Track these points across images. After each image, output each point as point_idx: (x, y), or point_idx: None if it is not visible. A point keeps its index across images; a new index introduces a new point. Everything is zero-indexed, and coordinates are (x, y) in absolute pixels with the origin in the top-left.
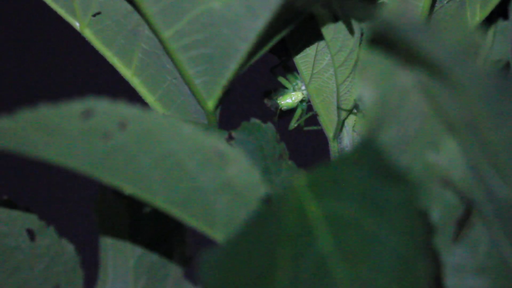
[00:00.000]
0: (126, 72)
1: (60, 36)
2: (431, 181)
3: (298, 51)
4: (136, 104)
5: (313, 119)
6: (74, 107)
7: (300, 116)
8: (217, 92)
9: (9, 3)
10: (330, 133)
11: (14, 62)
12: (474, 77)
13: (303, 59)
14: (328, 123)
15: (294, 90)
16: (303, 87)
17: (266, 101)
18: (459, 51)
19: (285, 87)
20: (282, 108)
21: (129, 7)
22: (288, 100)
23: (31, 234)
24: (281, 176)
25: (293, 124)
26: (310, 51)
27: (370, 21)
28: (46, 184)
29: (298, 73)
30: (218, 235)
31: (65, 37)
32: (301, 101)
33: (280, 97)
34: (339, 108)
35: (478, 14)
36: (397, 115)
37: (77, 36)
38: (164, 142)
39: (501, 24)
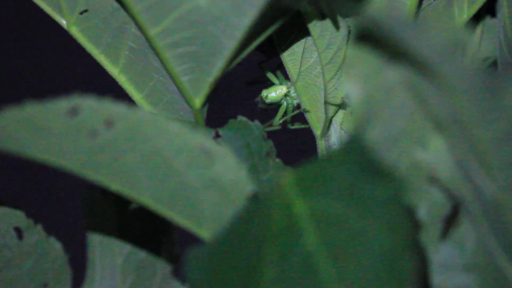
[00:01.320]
0: (113, 69)
1: (46, 34)
2: (418, 178)
3: (285, 49)
4: (123, 101)
5: (301, 117)
6: (60, 105)
7: (285, 113)
8: (204, 90)
9: None
10: (317, 131)
11: (1, 58)
12: (462, 75)
13: (290, 57)
14: (315, 120)
15: (280, 84)
16: (290, 84)
17: (257, 99)
18: (446, 48)
19: (272, 83)
20: (266, 101)
21: (115, 4)
22: (273, 93)
23: (18, 232)
24: (268, 174)
25: (277, 120)
26: (297, 48)
27: (357, 18)
28: (34, 182)
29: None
30: (204, 232)
31: (51, 34)
32: (286, 95)
33: (265, 90)
34: (326, 105)
35: (466, 12)
36: (383, 113)
37: (64, 34)
38: (151, 139)
39: (488, 21)
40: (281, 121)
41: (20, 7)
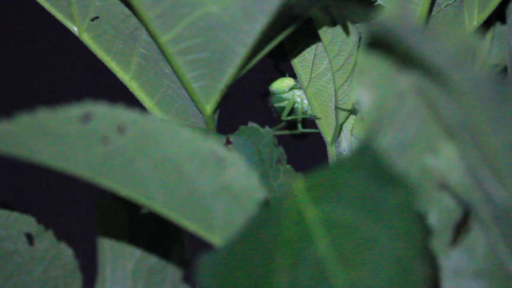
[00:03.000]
0: (124, 76)
1: (58, 40)
2: (429, 185)
3: (296, 55)
4: (134, 108)
5: (312, 122)
6: (73, 111)
7: (292, 110)
8: (215, 96)
9: (8, 7)
10: (328, 137)
11: (13, 66)
12: (472, 81)
13: (301, 63)
14: (326, 127)
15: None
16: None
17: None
18: (457, 55)
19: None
20: (271, 91)
21: (127, 11)
22: (280, 84)
23: (29, 237)
24: (279, 180)
25: (285, 115)
26: (308, 55)
27: (368, 24)
28: (45, 188)
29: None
30: (216, 239)
31: (63, 41)
32: (293, 88)
33: (273, 83)
34: (337, 111)
35: (476, 18)
36: (394, 119)
37: (75, 41)
38: (163, 146)
39: (499, 28)
40: (289, 118)
41: (31, 14)
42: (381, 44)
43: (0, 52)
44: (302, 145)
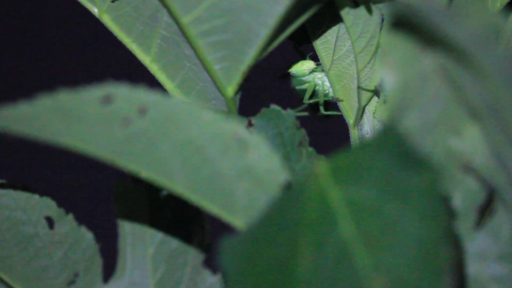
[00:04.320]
0: (145, 58)
1: (79, 22)
2: (453, 167)
3: (318, 37)
4: (156, 90)
5: (334, 105)
6: (94, 93)
7: (314, 92)
8: (237, 78)
9: None
10: (350, 120)
11: (34, 49)
12: (497, 62)
13: (323, 45)
14: (348, 109)
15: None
16: (322, 74)
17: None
18: (481, 35)
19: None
20: (292, 74)
21: None
22: (301, 67)
23: (49, 221)
24: (301, 163)
25: (307, 98)
26: (330, 37)
27: (391, 5)
28: (65, 171)
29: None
30: (238, 221)
31: (84, 23)
32: (314, 71)
33: (293, 66)
34: (359, 94)
35: (499, 1)
36: (419, 101)
37: (96, 22)
38: (184, 128)
39: None
40: (311, 101)
41: None
42: (405, 25)
43: (23, 33)
44: (325, 128)
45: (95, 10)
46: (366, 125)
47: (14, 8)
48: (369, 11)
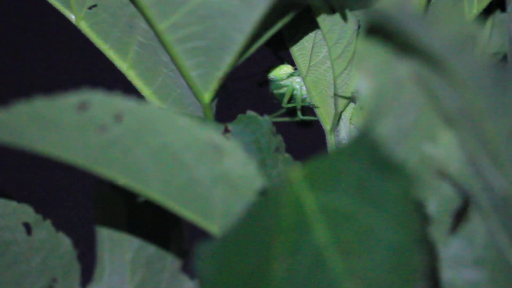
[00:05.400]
0: (122, 64)
1: (55, 29)
2: (428, 173)
3: (295, 43)
4: (132, 97)
5: (311, 110)
6: (70, 100)
7: (292, 97)
8: (213, 85)
9: None
10: (327, 126)
11: (9, 54)
12: (472, 69)
13: (300, 52)
14: (325, 115)
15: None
16: (300, 79)
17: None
18: (456, 42)
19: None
20: (270, 78)
21: None
22: (279, 71)
23: (27, 227)
24: (277, 169)
25: (285, 102)
26: (307, 43)
27: (367, 12)
28: (42, 177)
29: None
30: (214, 227)
31: (60, 30)
32: (291, 75)
33: (272, 71)
34: (336, 100)
35: (476, 6)
36: (393, 107)
37: (73, 29)
38: (160, 134)
39: (498, 16)
40: (289, 106)
41: (29, 2)
42: (380, 32)
43: None
44: (301, 134)
45: (72, 17)
46: (343, 131)
47: None
48: (344, 18)
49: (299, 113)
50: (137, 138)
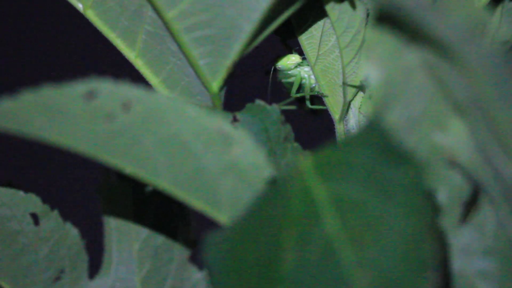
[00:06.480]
0: (129, 53)
1: (63, 17)
2: (437, 162)
3: (303, 32)
4: (140, 86)
5: (320, 100)
6: (78, 88)
7: (300, 86)
8: (222, 74)
9: None
10: (336, 115)
11: (17, 44)
12: (481, 57)
13: (309, 40)
14: (334, 104)
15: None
16: (308, 68)
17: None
18: (466, 30)
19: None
20: (278, 68)
21: None
22: (287, 61)
23: (35, 218)
24: (286, 158)
25: (293, 92)
26: (316, 32)
27: (376, 0)
28: (50, 167)
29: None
30: (222, 217)
31: (68, 18)
32: (299, 64)
33: (279, 60)
34: (345, 89)
35: None
36: (403, 95)
37: (80, 18)
38: (169, 123)
39: (508, 5)
40: (298, 95)
41: None
42: (389, 20)
43: (5, 29)
44: (310, 123)
45: (79, 6)
46: (352, 120)
47: None
48: (353, 6)
49: (307, 102)
50: (146, 127)
